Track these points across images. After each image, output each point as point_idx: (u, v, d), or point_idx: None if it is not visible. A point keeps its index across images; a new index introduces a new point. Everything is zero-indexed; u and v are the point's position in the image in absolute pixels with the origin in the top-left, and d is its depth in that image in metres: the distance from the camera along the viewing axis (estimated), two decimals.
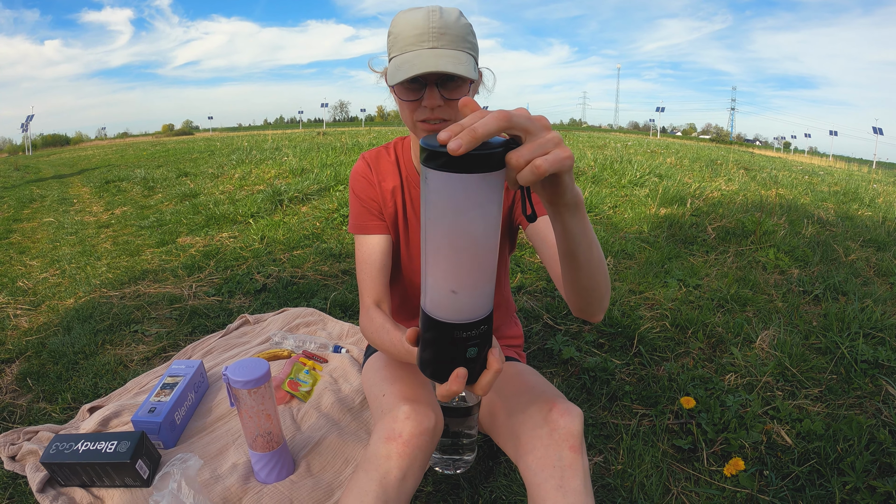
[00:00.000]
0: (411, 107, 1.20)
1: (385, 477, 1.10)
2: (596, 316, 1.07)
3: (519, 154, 0.63)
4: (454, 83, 1.17)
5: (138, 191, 7.96)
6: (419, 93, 1.18)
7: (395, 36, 1.18)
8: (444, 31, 1.14)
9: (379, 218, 1.45)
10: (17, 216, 6.70)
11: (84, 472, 1.53)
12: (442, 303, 0.75)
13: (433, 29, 1.14)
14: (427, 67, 1.10)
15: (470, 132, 0.59)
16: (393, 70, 1.16)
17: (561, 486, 1.08)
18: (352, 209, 1.47)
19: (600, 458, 1.76)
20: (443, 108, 1.18)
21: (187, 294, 3.20)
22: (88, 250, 4.61)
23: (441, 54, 1.12)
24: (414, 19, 1.15)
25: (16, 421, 2.00)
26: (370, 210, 1.45)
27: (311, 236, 4.50)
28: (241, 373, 1.39)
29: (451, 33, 1.15)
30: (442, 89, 1.17)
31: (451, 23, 1.15)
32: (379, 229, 1.44)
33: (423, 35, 1.14)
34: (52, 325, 2.85)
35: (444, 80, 1.16)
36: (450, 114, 1.20)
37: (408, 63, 1.12)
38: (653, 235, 4.24)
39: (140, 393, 2.06)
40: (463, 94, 1.19)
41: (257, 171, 8.09)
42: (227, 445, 1.72)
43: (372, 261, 1.42)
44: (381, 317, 1.32)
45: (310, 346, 2.30)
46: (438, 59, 1.11)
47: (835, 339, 2.45)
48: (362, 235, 1.45)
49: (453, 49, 1.15)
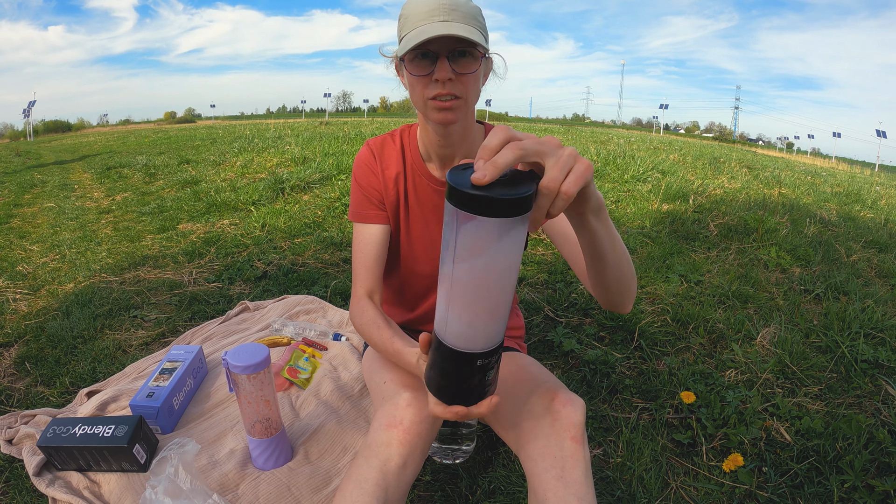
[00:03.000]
0: (423, 82, 1.19)
1: (385, 464, 1.10)
2: (626, 307, 1.09)
3: (552, 178, 0.66)
4: (465, 59, 1.17)
5: (139, 177, 7.95)
6: (430, 67, 1.17)
7: (405, 17, 1.18)
8: (454, 7, 1.15)
9: (379, 207, 1.44)
10: (18, 201, 6.70)
11: (81, 457, 1.52)
12: (463, 334, 0.76)
13: (444, 4, 1.14)
14: (438, 31, 1.10)
15: (492, 165, 0.63)
16: (404, 44, 1.16)
17: (562, 476, 1.07)
18: (352, 197, 1.46)
19: (599, 451, 1.76)
20: (454, 82, 1.17)
21: (187, 280, 3.20)
22: (89, 235, 4.61)
23: (451, 25, 1.12)
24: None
25: (13, 404, 1.99)
26: (370, 199, 1.43)
27: (312, 224, 4.50)
28: (240, 358, 1.38)
29: (461, 10, 1.15)
30: (453, 63, 1.16)
31: (462, 2, 1.16)
32: (378, 219, 1.44)
33: (435, 11, 1.14)
34: (52, 310, 2.85)
35: (456, 54, 1.16)
36: (461, 90, 1.19)
37: (418, 35, 1.12)
38: (655, 231, 4.23)
39: (138, 378, 2.05)
40: (474, 70, 1.19)
41: (259, 159, 8.08)
42: (225, 431, 1.71)
43: (368, 250, 1.41)
44: (372, 310, 1.34)
45: (310, 334, 2.29)
46: (449, 28, 1.11)
47: (835, 338, 2.44)
48: (361, 224, 1.44)
49: (463, 24, 1.15)
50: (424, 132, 1.36)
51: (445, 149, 1.35)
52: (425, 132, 1.36)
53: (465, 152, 1.38)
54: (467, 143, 1.37)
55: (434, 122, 1.24)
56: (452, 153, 1.37)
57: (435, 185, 1.42)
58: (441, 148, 1.35)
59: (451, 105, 1.19)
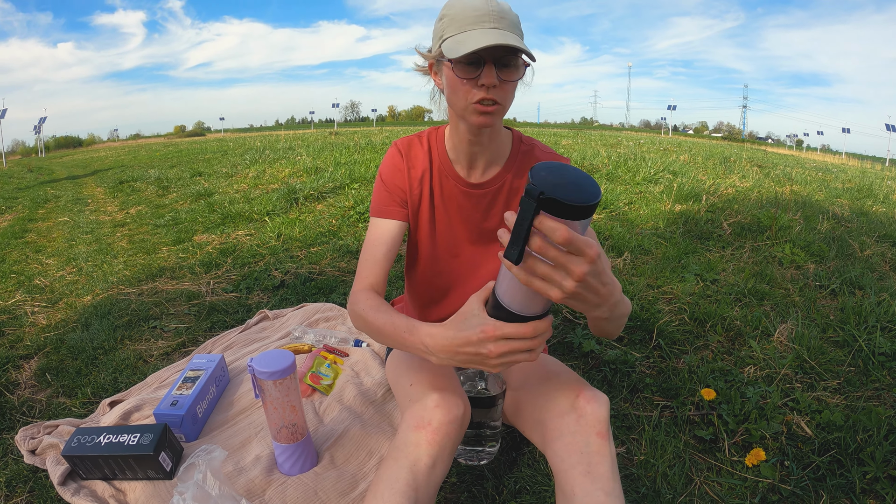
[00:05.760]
0: (469, 85, 1.20)
1: (415, 464, 1.11)
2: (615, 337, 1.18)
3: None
4: (510, 67, 1.20)
5: (152, 190, 8.01)
6: (477, 71, 1.18)
7: (450, 17, 1.20)
8: (503, 15, 1.18)
9: (401, 205, 1.45)
10: (32, 216, 6.76)
11: (106, 465, 1.54)
12: None
13: (493, 12, 1.17)
14: (495, 39, 1.12)
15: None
16: (452, 46, 1.17)
17: (589, 472, 1.08)
18: (375, 193, 1.48)
19: (623, 449, 1.76)
20: (497, 88, 1.20)
21: (205, 290, 3.22)
22: (105, 248, 4.65)
23: (505, 35, 1.15)
24: (472, 2, 1.18)
25: (35, 415, 2.01)
26: (392, 195, 1.45)
27: (327, 233, 4.52)
28: (266, 364, 1.39)
29: (508, 18, 1.18)
30: (499, 70, 1.18)
31: (507, 10, 1.19)
32: (398, 215, 1.45)
33: (484, 16, 1.16)
34: (71, 322, 2.87)
35: (502, 62, 1.18)
36: (502, 96, 1.22)
37: (472, 39, 1.14)
38: (668, 231, 4.24)
39: (161, 387, 2.08)
40: (518, 78, 1.23)
41: (271, 170, 8.13)
42: (250, 438, 1.73)
43: (381, 243, 1.42)
44: (376, 297, 1.32)
45: (330, 341, 2.31)
46: (505, 37, 1.13)
47: (852, 332, 2.44)
48: (379, 219, 1.45)
49: (512, 32, 1.18)
50: (455, 132, 1.39)
51: (475, 147, 1.38)
52: (455, 131, 1.38)
53: (492, 152, 1.41)
54: (494, 145, 1.40)
55: (473, 124, 1.26)
56: (480, 153, 1.40)
57: (461, 185, 1.44)
58: (471, 146, 1.37)
59: (492, 110, 1.22)
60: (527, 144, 1.47)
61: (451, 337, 1.00)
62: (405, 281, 1.68)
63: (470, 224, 1.48)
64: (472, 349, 0.97)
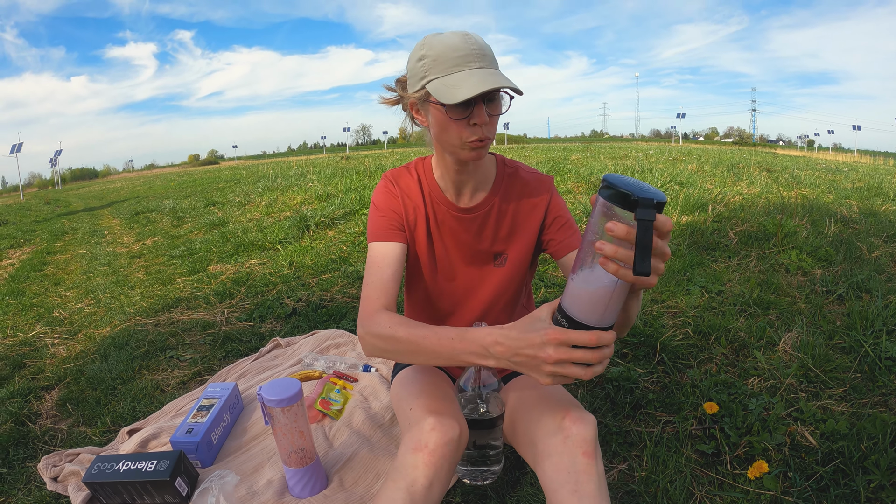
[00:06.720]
0: (461, 125, 1.24)
1: (412, 485, 1.15)
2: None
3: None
4: (495, 102, 1.26)
5: (168, 221, 8.14)
6: (468, 111, 1.22)
7: (432, 58, 1.23)
8: (483, 52, 1.23)
9: (399, 229, 1.46)
10: (51, 248, 6.90)
11: (125, 491, 1.60)
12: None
13: (475, 51, 1.21)
14: (491, 84, 1.16)
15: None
16: (443, 89, 1.20)
17: (576, 490, 1.13)
18: (370, 221, 1.48)
19: (625, 466, 1.79)
20: (487, 125, 1.26)
21: (220, 320, 3.29)
22: (122, 280, 4.75)
23: (492, 73, 1.20)
24: (452, 42, 1.22)
25: (57, 444, 2.09)
26: (390, 220, 1.46)
27: (338, 260, 4.58)
28: (274, 392, 1.46)
29: (488, 54, 1.24)
30: (486, 106, 1.24)
31: (484, 44, 1.24)
32: (398, 237, 1.45)
33: (468, 56, 1.21)
34: (90, 353, 2.96)
35: (488, 97, 1.24)
36: (491, 131, 1.28)
37: (465, 82, 1.18)
38: (675, 244, 4.24)
39: (177, 415, 2.14)
40: (505, 111, 1.30)
41: (283, 197, 8.23)
42: (263, 463, 1.78)
43: (386, 265, 1.39)
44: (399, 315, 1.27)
45: (340, 367, 2.36)
46: (495, 77, 1.19)
47: (858, 337, 2.44)
48: (379, 243, 1.43)
49: (495, 69, 1.24)
50: (441, 162, 1.44)
51: (462, 175, 1.43)
52: (442, 161, 1.43)
53: (478, 178, 1.46)
54: (480, 172, 1.45)
55: (464, 160, 1.32)
56: (467, 180, 1.45)
57: (453, 210, 1.48)
58: (458, 175, 1.42)
59: (483, 145, 1.28)
60: (510, 167, 1.52)
61: (515, 338, 1.00)
62: (405, 306, 1.72)
63: (463, 247, 1.52)
64: (532, 352, 0.97)
